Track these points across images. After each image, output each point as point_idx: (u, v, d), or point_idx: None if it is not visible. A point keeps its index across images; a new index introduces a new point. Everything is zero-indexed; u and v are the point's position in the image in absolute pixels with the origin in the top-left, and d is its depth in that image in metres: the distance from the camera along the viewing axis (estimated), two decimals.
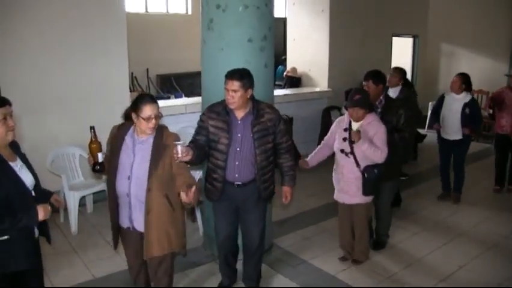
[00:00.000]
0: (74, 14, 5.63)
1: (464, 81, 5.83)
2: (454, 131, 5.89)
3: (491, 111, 6.58)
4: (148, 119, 3.02)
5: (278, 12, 12.27)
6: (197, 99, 5.18)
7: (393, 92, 5.88)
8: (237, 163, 3.48)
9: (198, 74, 4.49)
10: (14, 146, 2.83)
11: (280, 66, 10.94)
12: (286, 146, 3.67)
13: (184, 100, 8.03)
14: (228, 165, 3.48)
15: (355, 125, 4.12)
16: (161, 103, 6.85)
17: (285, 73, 10.04)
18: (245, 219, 3.73)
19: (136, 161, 3.09)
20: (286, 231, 5.23)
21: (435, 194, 6.35)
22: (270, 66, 4.42)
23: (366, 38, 9.52)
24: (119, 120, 3.50)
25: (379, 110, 4.56)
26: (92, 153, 3.05)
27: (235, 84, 3.32)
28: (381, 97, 4.60)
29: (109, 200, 3.27)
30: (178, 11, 13.16)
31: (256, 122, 3.44)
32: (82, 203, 5.51)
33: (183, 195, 2.92)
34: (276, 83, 10.47)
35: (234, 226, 3.80)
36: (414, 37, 11.27)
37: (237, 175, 3.51)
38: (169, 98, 9.60)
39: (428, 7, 11.45)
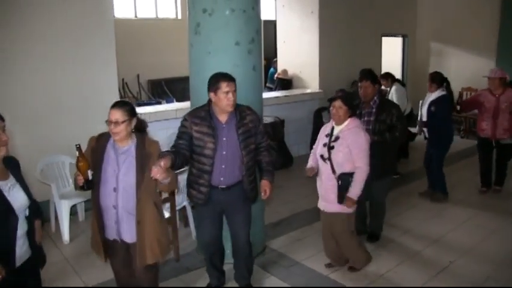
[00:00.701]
0: (61, 22, 5.62)
1: (431, 79, 5.91)
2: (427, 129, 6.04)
3: (458, 108, 6.61)
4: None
5: (268, 15, 12.29)
6: (188, 104, 5.17)
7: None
8: (223, 166, 3.48)
9: (188, 79, 4.49)
10: (12, 164, 2.77)
11: (272, 69, 10.96)
12: (266, 145, 3.71)
13: (175, 105, 8.01)
14: (214, 169, 3.48)
15: (336, 130, 4.02)
16: (152, 108, 6.89)
17: (275, 75, 10.05)
18: (233, 221, 3.74)
19: (121, 171, 3.05)
20: (279, 233, 5.23)
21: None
22: (258, 69, 4.43)
23: (356, 39, 9.57)
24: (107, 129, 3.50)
25: (374, 110, 4.66)
26: (82, 172, 2.91)
27: (234, 86, 3.44)
28: (375, 97, 4.69)
29: (94, 214, 3.19)
30: (167, 15, 13.14)
31: (241, 124, 3.49)
32: (74, 211, 5.48)
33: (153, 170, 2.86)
34: (268, 85, 10.50)
35: (219, 229, 3.81)
36: (404, 37, 11.33)
37: (222, 179, 3.52)
38: (160, 103, 9.57)
39: (416, 7, 11.53)
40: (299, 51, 9.32)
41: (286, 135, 7.73)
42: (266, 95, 7.89)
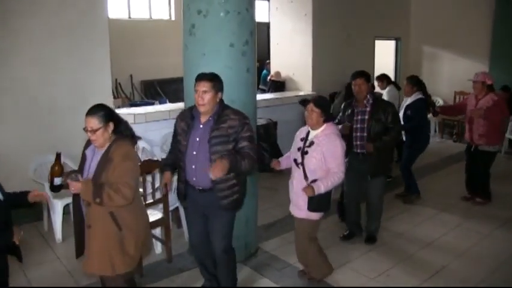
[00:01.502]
0: (55, 21, 5.61)
1: (411, 83, 6.09)
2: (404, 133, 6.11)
3: (434, 111, 6.43)
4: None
5: (262, 17, 12.29)
6: (181, 105, 5.18)
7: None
8: (193, 167, 3.45)
9: (182, 80, 4.50)
10: None
11: (264, 71, 10.96)
12: (246, 153, 3.37)
13: (168, 106, 8.00)
14: (186, 167, 3.50)
15: (312, 134, 3.87)
16: (145, 109, 6.87)
17: (269, 77, 10.06)
18: (210, 228, 3.64)
19: (90, 173, 3.05)
20: (271, 235, 5.24)
21: (422, 196, 6.40)
22: (252, 71, 4.44)
23: (349, 41, 9.60)
24: None
25: (368, 108, 4.69)
26: (50, 174, 3.05)
27: (206, 85, 3.33)
28: (368, 96, 4.72)
29: (73, 212, 3.27)
30: (161, 16, 13.11)
31: (215, 128, 3.37)
32: (67, 210, 5.44)
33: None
34: (260, 87, 10.50)
35: (203, 231, 3.70)
36: (397, 40, 11.37)
37: (194, 179, 3.48)
38: (153, 103, 9.54)
39: (409, 10, 11.58)
40: (292, 54, 9.33)
41: (279, 137, 7.72)
42: (259, 96, 7.86)
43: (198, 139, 3.41)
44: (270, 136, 7.52)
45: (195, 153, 3.42)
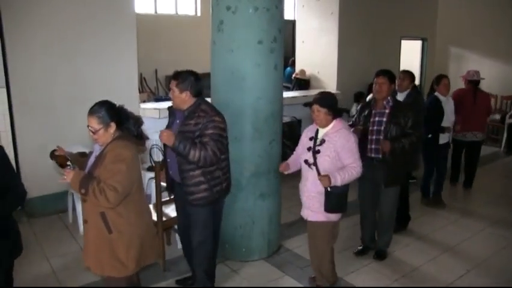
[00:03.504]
0: (84, 16, 5.67)
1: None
2: None
3: None
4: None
5: (287, 15, 12.26)
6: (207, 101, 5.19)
7: (400, 96, 5.40)
8: (168, 160, 3.65)
9: (206, 76, 4.49)
10: None
11: (288, 68, 10.94)
12: (201, 144, 3.35)
13: None
14: (167, 161, 3.68)
15: (321, 132, 3.69)
16: (168, 104, 6.88)
17: (293, 75, 10.04)
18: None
19: (87, 168, 3.07)
20: (294, 233, 5.23)
21: (446, 199, 6.29)
22: (280, 68, 4.44)
23: (375, 41, 9.53)
24: None
25: (387, 110, 4.34)
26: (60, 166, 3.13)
27: (172, 83, 3.49)
28: (389, 97, 4.37)
29: None
30: (187, 12, 13.18)
31: (184, 123, 3.47)
32: None
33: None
34: (284, 84, 10.48)
35: (184, 223, 3.83)
36: (423, 40, 11.25)
37: (171, 172, 3.68)
38: None
39: (436, 10, 11.44)
40: (318, 52, 9.31)
41: None
42: (284, 94, 7.87)
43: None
44: (294, 134, 7.50)
45: (169, 148, 3.51)
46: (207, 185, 3.51)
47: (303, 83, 9.58)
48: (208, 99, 4.78)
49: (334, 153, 3.58)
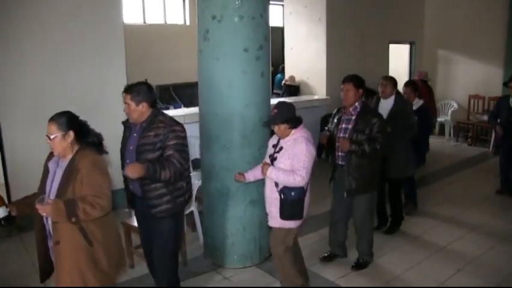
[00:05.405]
0: (71, 26, 5.68)
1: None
2: None
3: None
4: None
5: (276, 22, 12.34)
6: (196, 110, 5.20)
7: (386, 103, 5.30)
8: None
9: (196, 84, 4.53)
10: None
11: (278, 75, 10.99)
12: (170, 161, 3.27)
13: (182, 110, 8.06)
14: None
15: (281, 140, 3.73)
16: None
17: (283, 82, 10.09)
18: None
19: (53, 187, 2.93)
20: None
21: (437, 199, 6.39)
22: (267, 75, 4.47)
23: (364, 45, 9.59)
24: (115, 132, 3.55)
25: (353, 117, 4.29)
26: None
27: (127, 97, 3.35)
28: (356, 103, 4.29)
29: (35, 232, 3.09)
30: (176, 21, 13.22)
31: (142, 136, 3.35)
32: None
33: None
34: (275, 91, 10.53)
35: (146, 236, 3.73)
36: (411, 43, 11.32)
37: (131, 187, 3.56)
38: (168, 108, 9.63)
39: (423, 14, 11.53)
40: (306, 58, 9.36)
41: None
42: (273, 101, 7.91)
43: (131, 147, 3.42)
44: None
45: (128, 161, 3.40)
46: (170, 197, 3.44)
47: (293, 90, 9.62)
48: (195, 108, 4.81)
49: (289, 160, 3.62)
